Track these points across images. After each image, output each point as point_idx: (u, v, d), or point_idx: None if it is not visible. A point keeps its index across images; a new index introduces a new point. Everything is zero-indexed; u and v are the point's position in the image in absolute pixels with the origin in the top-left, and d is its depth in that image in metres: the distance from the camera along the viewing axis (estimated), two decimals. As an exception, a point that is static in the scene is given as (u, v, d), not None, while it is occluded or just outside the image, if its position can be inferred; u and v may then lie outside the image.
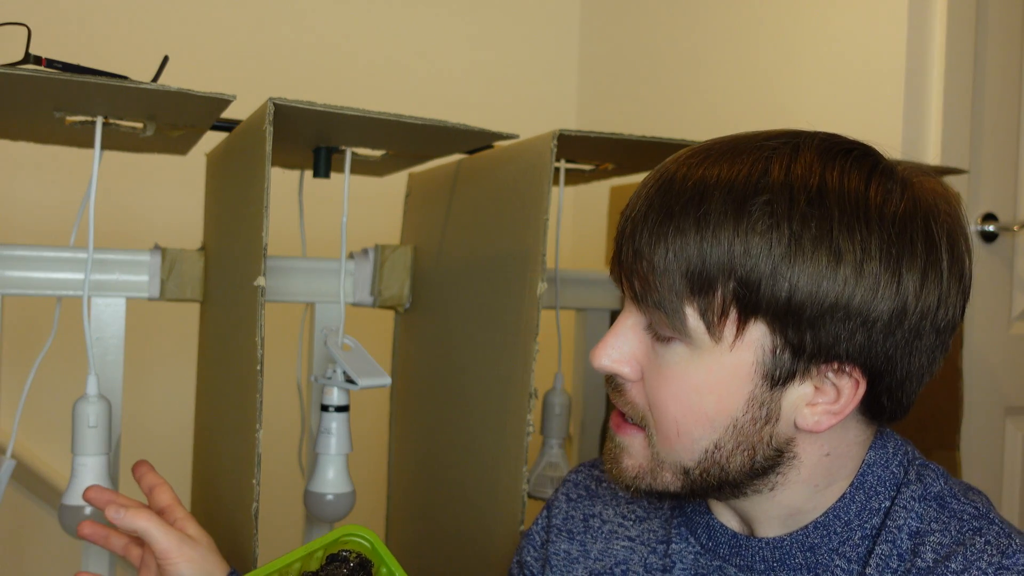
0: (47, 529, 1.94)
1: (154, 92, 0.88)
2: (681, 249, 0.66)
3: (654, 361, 0.70)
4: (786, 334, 0.66)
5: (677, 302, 0.66)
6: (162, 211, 2.00)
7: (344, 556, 0.74)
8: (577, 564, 0.88)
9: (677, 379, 0.69)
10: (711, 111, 1.94)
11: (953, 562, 0.68)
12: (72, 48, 1.21)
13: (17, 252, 1.14)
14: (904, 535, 0.72)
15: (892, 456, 0.75)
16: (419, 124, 0.96)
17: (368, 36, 2.22)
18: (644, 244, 0.67)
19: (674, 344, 0.69)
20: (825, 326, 0.66)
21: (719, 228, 0.65)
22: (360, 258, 1.32)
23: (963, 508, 0.73)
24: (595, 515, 0.90)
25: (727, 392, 0.69)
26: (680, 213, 0.66)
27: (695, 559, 0.81)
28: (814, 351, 0.67)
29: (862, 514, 0.74)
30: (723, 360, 0.68)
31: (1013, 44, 1.59)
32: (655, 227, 0.67)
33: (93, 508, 1.01)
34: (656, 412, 0.70)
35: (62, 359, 1.34)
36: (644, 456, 0.73)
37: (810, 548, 0.74)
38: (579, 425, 1.51)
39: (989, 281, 1.56)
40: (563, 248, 2.28)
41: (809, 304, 0.65)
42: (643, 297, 0.68)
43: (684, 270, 0.66)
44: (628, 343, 0.72)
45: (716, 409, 0.69)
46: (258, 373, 0.90)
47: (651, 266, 0.67)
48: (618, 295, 0.75)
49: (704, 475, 0.71)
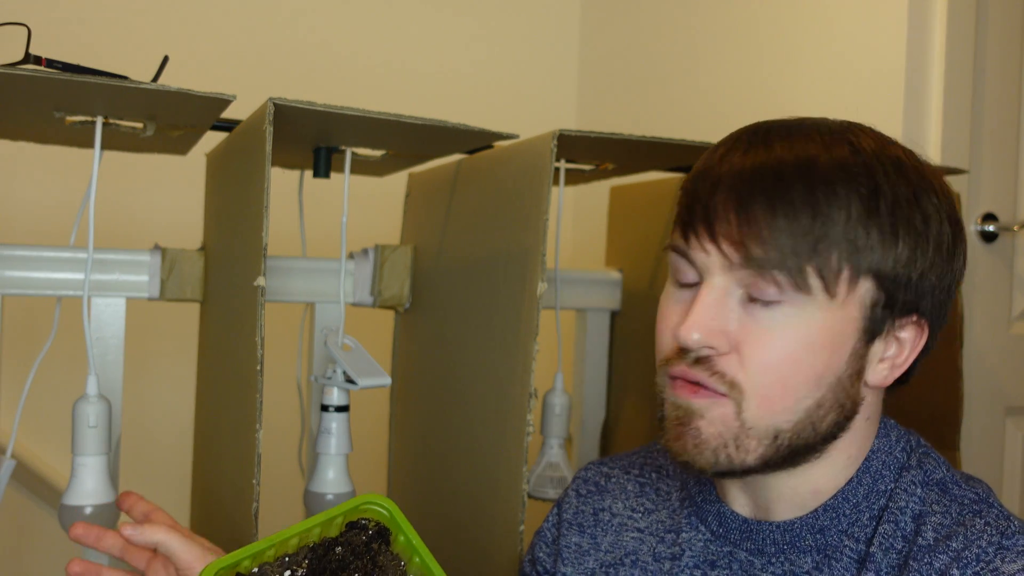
0: (47, 529, 1.94)
1: (154, 92, 0.88)
2: (798, 212, 0.70)
3: (752, 327, 0.72)
4: (887, 289, 0.73)
5: (798, 261, 0.70)
6: (162, 211, 2.00)
7: (363, 524, 0.75)
8: (588, 556, 0.90)
9: (787, 339, 0.71)
10: (711, 111, 1.94)
11: (954, 541, 0.71)
12: (72, 48, 1.21)
13: (17, 252, 1.14)
14: (907, 517, 0.75)
15: (895, 443, 0.80)
16: (419, 124, 0.96)
17: (368, 36, 2.22)
18: (762, 210, 0.70)
19: (780, 307, 0.71)
20: (918, 282, 0.73)
21: (830, 194, 0.70)
22: (360, 258, 1.32)
23: (964, 493, 0.76)
24: (605, 509, 0.92)
25: (835, 348, 0.73)
26: (791, 179, 0.71)
27: (705, 546, 0.83)
28: (904, 305, 0.74)
29: (869, 496, 0.77)
30: (835, 316, 0.72)
31: (1013, 44, 1.59)
32: (771, 193, 0.71)
33: (94, 508, 1.01)
34: (760, 376, 0.72)
35: (62, 359, 1.34)
36: (727, 424, 0.73)
37: (820, 530, 0.77)
38: (579, 425, 1.51)
39: (989, 281, 1.56)
40: (563, 248, 2.28)
41: (908, 261, 0.72)
42: (762, 261, 0.70)
43: (803, 231, 0.70)
44: (717, 313, 0.73)
45: (825, 365, 0.72)
46: (258, 373, 0.90)
47: (771, 230, 0.70)
48: (675, 273, 0.76)
49: (794, 438, 0.73)
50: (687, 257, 0.75)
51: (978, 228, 1.55)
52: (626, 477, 0.94)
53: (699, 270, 0.74)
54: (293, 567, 0.71)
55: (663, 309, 0.78)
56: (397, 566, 0.74)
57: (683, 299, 0.76)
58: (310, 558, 0.72)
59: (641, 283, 1.46)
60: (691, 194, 0.76)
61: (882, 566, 0.74)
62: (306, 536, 0.73)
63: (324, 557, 0.72)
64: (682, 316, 0.74)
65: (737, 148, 0.75)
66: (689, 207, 0.75)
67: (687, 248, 0.74)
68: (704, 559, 0.82)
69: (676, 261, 0.76)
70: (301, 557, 0.72)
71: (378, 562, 0.74)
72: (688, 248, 0.74)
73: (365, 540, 0.74)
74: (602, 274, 1.50)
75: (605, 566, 0.88)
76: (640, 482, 0.93)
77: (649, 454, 0.96)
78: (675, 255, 0.76)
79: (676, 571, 0.83)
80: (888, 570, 0.73)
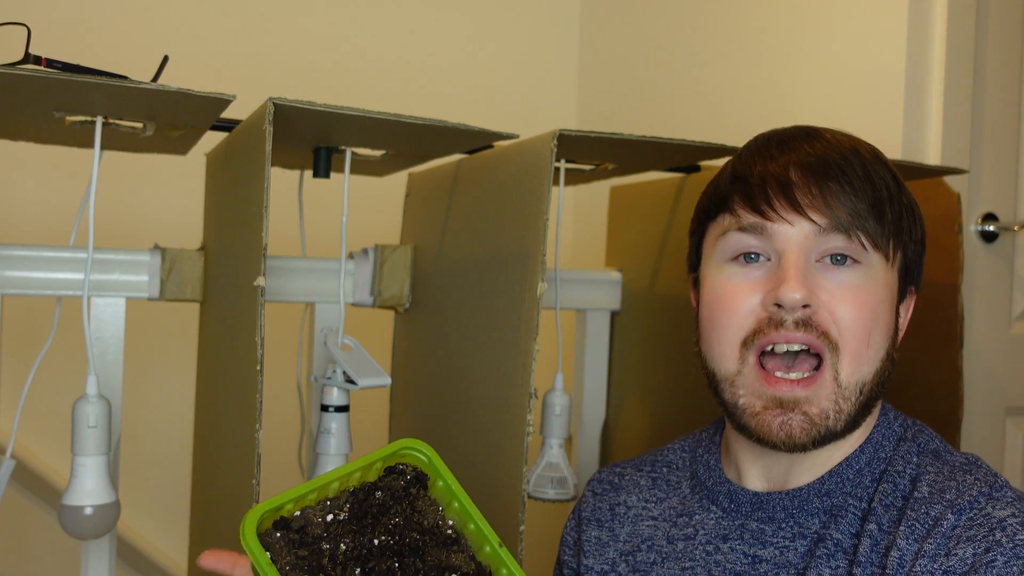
0: (47, 529, 1.94)
1: (154, 92, 0.88)
2: (864, 184, 0.81)
3: (836, 287, 0.80)
4: (908, 257, 0.86)
5: (874, 224, 0.81)
6: (162, 211, 2.00)
7: (401, 469, 0.76)
8: (608, 547, 0.96)
9: (867, 295, 0.81)
10: (711, 111, 1.94)
11: (947, 493, 0.77)
12: (72, 48, 1.21)
13: (17, 252, 1.14)
14: (905, 479, 0.82)
15: (893, 420, 0.88)
16: (419, 124, 0.95)
17: (368, 36, 2.22)
18: (836, 183, 0.80)
19: (859, 267, 0.81)
20: (916, 250, 0.86)
21: (876, 172, 0.82)
22: (360, 258, 1.32)
23: (955, 459, 0.83)
24: (620, 503, 0.98)
25: (891, 304, 0.84)
26: (850, 159, 0.82)
27: (716, 523, 0.89)
28: (911, 274, 0.87)
29: (872, 463, 0.84)
30: (889, 277, 0.83)
31: (1013, 44, 1.59)
32: (841, 168, 0.81)
33: (94, 509, 1.01)
34: (850, 329, 0.80)
35: (62, 359, 1.34)
36: (829, 396, 0.80)
37: (826, 493, 0.84)
38: (579, 425, 1.51)
39: (989, 281, 1.56)
40: (563, 248, 2.28)
41: (916, 233, 0.86)
42: (848, 224, 0.80)
43: (870, 200, 0.81)
44: (808, 275, 0.80)
45: (887, 319, 0.83)
46: (258, 373, 0.90)
47: (850, 197, 0.80)
48: (733, 252, 0.84)
49: (874, 389, 0.82)
50: (763, 232, 0.81)
51: (978, 228, 1.55)
52: (639, 474, 1.00)
53: (778, 242, 0.81)
54: (335, 511, 0.72)
55: (728, 289, 0.83)
56: (436, 510, 0.75)
57: (751, 275, 0.83)
58: (351, 502, 0.73)
59: (641, 283, 1.46)
60: (752, 180, 0.83)
61: (883, 519, 0.79)
62: (346, 481, 0.74)
63: (365, 501, 0.73)
64: (760, 288, 0.81)
65: (771, 146, 0.85)
66: (758, 188, 0.82)
67: (764, 222, 0.81)
68: (716, 535, 0.88)
69: (741, 240, 0.83)
70: (342, 501, 0.73)
71: (416, 506, 0.75)
72: (767, 222, 0.81)
73: (403, 485, 0.75)
74: (602, 274, 1.50)
75: (624, 555, 0.94)
76: (652, 477, 0.99)
77: (659, 453, 1.02)
78: (741, 234, 0.83)
79: (690, 550, 0.88)
80: (888, 523, 0.79)
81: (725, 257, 0.85)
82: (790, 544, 0.83)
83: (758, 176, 0.83)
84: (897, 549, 0.76)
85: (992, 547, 0.71)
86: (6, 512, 1.91)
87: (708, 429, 0.99)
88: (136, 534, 2.01)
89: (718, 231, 0.86)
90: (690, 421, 1.27)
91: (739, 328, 0.82)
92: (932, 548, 0.74)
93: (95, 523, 1.01)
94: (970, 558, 0.72)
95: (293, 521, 0.70)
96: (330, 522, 0.71)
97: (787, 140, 0.85)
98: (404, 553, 0.72)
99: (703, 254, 0.89)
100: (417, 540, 0.72)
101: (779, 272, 0.80)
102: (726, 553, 0.86)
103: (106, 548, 1.18)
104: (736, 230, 0.83)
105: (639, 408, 1.46)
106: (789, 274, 0.79)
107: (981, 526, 0.73)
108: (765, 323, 0.80)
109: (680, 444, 1.01)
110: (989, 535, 0.72)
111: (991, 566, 0.70)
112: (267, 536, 0.69)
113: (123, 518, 1.56)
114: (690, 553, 0.88)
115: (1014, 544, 0.71)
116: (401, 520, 0.73)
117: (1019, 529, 0.72)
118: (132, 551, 2.00)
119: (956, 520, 0.75)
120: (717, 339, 0.84)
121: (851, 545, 0.80)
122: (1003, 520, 0.73)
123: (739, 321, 0.82)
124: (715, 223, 0.87)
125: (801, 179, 0.81)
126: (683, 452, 0.99)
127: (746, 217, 0.82)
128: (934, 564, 0.73)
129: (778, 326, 0.80)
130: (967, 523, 0.74)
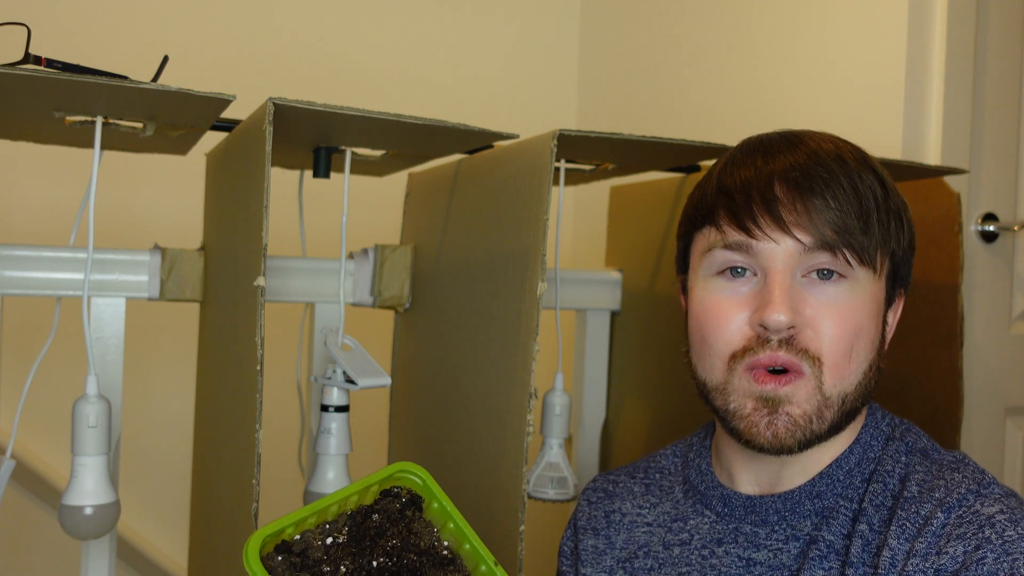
0: (47, 529, 1.94)
1: (154, 92, 0.88)
2: (849, 197, 0.80)
3: (821, 303, 0.81)
4: (896, 263, 0.85)
5: (859, 239, 0.80)
6: (162, 211, 2.00)
7: (397, 492, 0.78)
8: (605, 555, 0.97)
9: (851, 311, 0.81)
10: (710, 111, 1.94)
11: (936, 491, 0.79)
12: (72, 48, 1.21)
13: (17, 252, 1.14)
14: (895, 479, 0.83)
15: (881, 419, 0.89)
16: (419, 124, 0.95)
17: (368, 36, 2.22)
18: (820, 199, 0.80)
19: (841, 282, 0.81)
20: (904, 254, 0.86)
21: (862, 180, 0.82)
22: (360, 258, 1.32)
23: (943, 457, 0.84)
24: (615, 511, 0.99)
25: (877, 315, 0.84)
26: (834, 169, 0.81)
27: (711, 528, 0.90)
28: (900, 279, 0.87)
29: (861, 463, 0.86)
30: (875, 288, 0.83)
31: (1013, 44, 1.59)
32: (825, 182, 0.80)
33: (94, 509, 1.01)
34: (832, 345, 0.80)
35: (62, 359, 1.34)
36: (811, 400, 0.81)
37: (817, 495, 0.85)
38: (579, 425, 1.51)
39: (989, 281, 1.56)
40: (563, 248, 2.28)
41: (904, 237, 0.85)
42: (833, 242, 0.79)
43: (855, 213, 0.80)
44: (792, 294, 0.80)
45: (874, 332, 0.83)
46: (258, 373, 0.90)
47: (835, 213, 0.80)
48: (720, 268, 0.84)
49: (854, 400, 0.82)
50: (748, 250, 0.81)
51: (978, 228, 1.55)
52: (632, 481, 1.01)
53: (763, 260, 0.81)
54: (334, 534, 0.74)
55: (714, 305, 0.84)
56: (431, 532, 0.77)
57: (739, 291, 0.83)
58: (350, 525, 0.75)
59: (641, 283, 1.46)
60: (733, 194, 0.82)
61: (873, 519, 0.81)
62: (344, 504, 0.76)
63: (363, 524, 0.75)
64: (747, 306, 0.81)
65: (756, 155, 0.84)
66: (743, 205, 0.81)
67: (749, 240, 0.81)
68: (711, 539, 0.89)
69: (727, 256, 0.83)
70: (341, 524, 0.75)
71: (413, 528, 0.76)
72: (752, 240, 0.81)
73: (399, 507, 0.77)
74: (602, 274, 1.50)
75: (621, 562, 0.95)
76: (645, 483, 1.00)
77: (652, 459, 1.02)
78: (726, 251, 0.83)
79: (687, 555, 0.90)
80: (879, 523, 0.80)
81: (712, 271, 0.85)
82: (783, 547, 0.84)
83: (743, 189, 0.82)
84: (888, 549, 0.77)
85: (982, 544, 0.73)
86: (6, 512, 1.91)
87: (699, 433, 1.00)
88: (136, 534, 2.01)
89: (704, 245, 0.86)
90: (690, 421, 1.27)
91: (727, 344, 0.83)
92: (923, 547, 0.75)
93: (95, 523, 1.01)
94: (961, 556, 0.73)
95: (294, 544, 0.72)
96: (330, 545, 0.73)
97: (771, 149, 0.84)
98: (402, 574, 0.73)
99: (691, 263, 0.90)
100: (414, 561, 0.74)
101: (764, 291, 0.81)
102: (721, 557, 0.87)
103: (106, 548, 1.18)
104: (722, 247, 0.83)
105: (639, 408, 1.46)
106: (774, 295, 0.80)
107: (971, 523, 0.75)
108: (753, 341, 0.81)
109: (672, 449, 1.02)
110: (979, 532, 0.74)
111: (981, 563, 0.71)
112: (269, 560, 0.71)
113: (123, 518, 1.56)
114: (686, 558, 0.89)
115: (1003, 540, 0.72)
116: (398, 542, 0.75)
117: (1007, 526, 0.74)
118: (132, 551, 2.00)
119: (946, 518, 0.76)
120: (707, 353, 0.85)
121: (843, 546, 0.81)
122: (992, 517, 0.75)
123: (727, 337, 0.83)
124: (701, 234, 0.87)
125: (786, 195, 0.81)
126: (675, 457, 1.01)
127: (732, 235, 0.83)
128: (925, 563, 0.74)
129: (764, 344, 0.81)
130: (956, 521, 0.75)
